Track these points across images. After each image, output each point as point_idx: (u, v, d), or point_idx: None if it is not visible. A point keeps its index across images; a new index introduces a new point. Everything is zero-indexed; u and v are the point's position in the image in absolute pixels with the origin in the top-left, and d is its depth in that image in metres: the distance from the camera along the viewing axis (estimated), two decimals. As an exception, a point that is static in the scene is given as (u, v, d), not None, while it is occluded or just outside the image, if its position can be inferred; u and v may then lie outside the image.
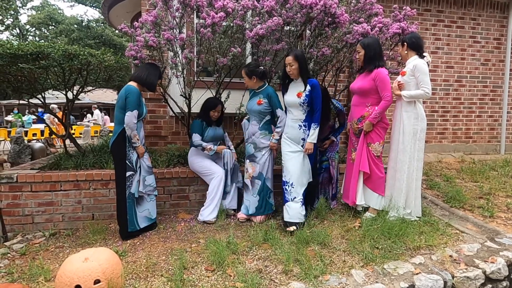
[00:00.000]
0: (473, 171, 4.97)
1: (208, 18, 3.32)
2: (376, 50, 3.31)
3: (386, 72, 3.30)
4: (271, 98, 3.41)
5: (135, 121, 3.05)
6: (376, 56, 3.31)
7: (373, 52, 3.31)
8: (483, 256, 2.76)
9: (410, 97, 3.29)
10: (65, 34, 25.20)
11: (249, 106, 3.54)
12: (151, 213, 3.30)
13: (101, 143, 5.25)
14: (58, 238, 3.32)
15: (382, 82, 3.24)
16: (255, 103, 3.45)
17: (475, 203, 3.88)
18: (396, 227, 3.03)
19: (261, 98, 3.43)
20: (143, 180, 3.19)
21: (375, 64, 3.29)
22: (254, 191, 3.51)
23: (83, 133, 11.52)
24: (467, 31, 5.96)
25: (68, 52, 3.45)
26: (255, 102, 3.44)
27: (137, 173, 3.16)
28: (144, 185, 3.20)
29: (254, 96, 3.54)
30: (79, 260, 2.15)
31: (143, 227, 3.24)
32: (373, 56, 3.31)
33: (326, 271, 2.52)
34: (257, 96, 3.48)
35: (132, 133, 3.05)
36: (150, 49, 3.49)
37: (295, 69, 3.22)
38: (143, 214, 3.23)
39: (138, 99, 3.09)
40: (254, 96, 3.54)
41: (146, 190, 3.22)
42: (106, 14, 7.37)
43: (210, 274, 2.53)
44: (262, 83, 3.50)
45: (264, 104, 3.41)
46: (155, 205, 3.36)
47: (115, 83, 5.57)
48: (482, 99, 6.18)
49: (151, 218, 3.32)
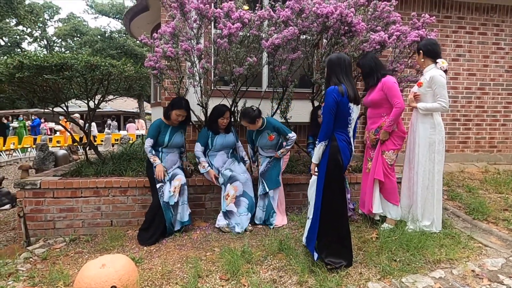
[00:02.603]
0: (497, 182, 4.79)
1: (225, 29, 3.38)
2: (371, 66, 3.34)
3: (392, 80, 3.26)
4: (279, 129, 3.63)
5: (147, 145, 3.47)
6: (373, 70, 3.34)
7: (368, 69, 3.36)
8: (508, 272, 2.64)
9: (426, 110, 3.22)
10: (89, 45, 26.13)
11: (262, 143, 3.73)
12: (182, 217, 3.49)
13: (120, 150, 5.39)
14: (77, 243, 3.41)
15: (390, 90, 3.20)
16: (267, 139, 3.66)
17: (499, 215, 3.73)
18: (415, 239, 2.95)
19: (269, 133, 3.64)
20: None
21: (376, 76, 3.31)
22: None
23: (104, 141, 11.85)
24: (490, 38, 5.80)
25: (90, 63, 3.57)
26: (267, 138, 3.66)
27: (166, 184, 3.43)
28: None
29: (261, 133, 3.69)
30: (96, 266, 2.20)
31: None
32: (369, 72, 3.36)
33: (341, 283, 2.47)
34: (263, 132, 3.67)
35: (148, 155, 3.49)
36: (168, 59, 3.58)
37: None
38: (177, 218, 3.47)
39: (155, 130, 3.49)
40: (261, 133, 3.69)
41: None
42: (127, 25, 7.62)
43: (224, 283, 2.53)
44: (262, 119, 3.63)
45: (275, 137, 3.66)
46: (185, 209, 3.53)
47: (135, 92, 5.72)
48: (507, 107, 5.96)
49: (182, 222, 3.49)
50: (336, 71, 2.67)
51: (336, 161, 2.63)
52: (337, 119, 2.62)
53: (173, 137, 3.54)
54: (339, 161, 2.63)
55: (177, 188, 3.39)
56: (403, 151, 3.46)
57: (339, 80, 2.64)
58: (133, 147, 5.59)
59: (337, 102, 2.57)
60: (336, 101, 2.57)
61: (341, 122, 2.65)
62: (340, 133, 2.67)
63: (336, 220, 2.67)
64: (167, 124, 3.55)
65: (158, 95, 7.07)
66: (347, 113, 2.64)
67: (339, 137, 2.65)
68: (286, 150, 3.66)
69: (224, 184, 3.55)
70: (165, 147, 3.55)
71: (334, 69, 2.69)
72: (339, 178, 2.70)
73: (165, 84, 4.46)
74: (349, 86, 2.64)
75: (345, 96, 2.59)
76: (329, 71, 2.72)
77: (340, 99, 2.58)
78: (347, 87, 2.62)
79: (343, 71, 2.67)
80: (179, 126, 3.62)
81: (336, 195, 2.66)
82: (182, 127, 3.67)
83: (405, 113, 5.32)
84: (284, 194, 3.85)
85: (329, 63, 2.73)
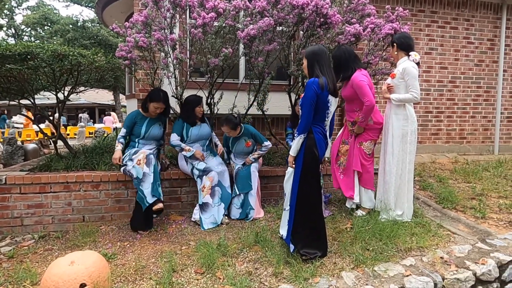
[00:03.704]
0: (466, 172, 4.98)
1: (199, 19, 3.30)
2: (341, 58, 3.32)
3: (360, 78, 3.21)
4: (255, 137, 3.79)
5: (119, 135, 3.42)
6: (343, 63, 3.31)
7: (338, 61, 3.33)
8: (474, 258, 2.75)
9: (399, 100, 3.29)
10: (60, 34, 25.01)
11: (238, 149, 3.80)
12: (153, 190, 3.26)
13: (93, 144, 5.22)
14: (47, 240, 3.28)
15: (359, 88, 3.20)
16: (243, 146, 3.76)
17: (467, 204, 3.88)
18: (388, 229, 3.02)
19: (246, 140, 3.76)
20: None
21: (351, 68, 3.28)
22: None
23: (78, 134, 11.46)
24: (460, 32, 5.98)
25: (57, 52, 3.41)
26: (244, 145, 3.76)
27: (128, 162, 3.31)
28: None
29: (238, 140, 3.77)
30: (65, 263, 2.12)
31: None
32: (338, 64, 3.32)
33: (316, 274, 2.50)
34: (241, 139, 3.76)
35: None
36: (141, 49, 3.47)
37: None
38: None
39: (130, 121, 3.43)
40: (238, 140, 3.77)
41: None
42: (100, 14, 7.33)
43: (199, 277, 2.51)
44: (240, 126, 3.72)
45: (251, 143, 3.79)
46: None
47: (109, 84, 5.53)
48: (475, 99, 6.20)
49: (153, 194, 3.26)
50: (320, 62, 2.62)
51: (312, 153, 2.62)
52: (315, 111, 2.60)
53: (150, 129, 3.45)
54: (315, 154, 2.63)
55: (141, 160, 3.22)
56: (380, 143, 3.53)
57: (322, 72, 2.60)
58: (107, 140, 5.43)
59: (317, 95, 2.54)
60: (317, 94, 2.54)
61: (319, 115, 2.63)
62: (317, 126, 2.66)
63: (312, 213, 2.69)
64: (145, 115, 3.46)
65: (133, 87, 6.87)
66: (326, 106, 2.62)
67: (315, 130, 2.64)
68: (258, 155, 3.75)
69: (199, 177, 3.50)
70: (142, 139, 3.46)
71: (317, 60, 2.63)
72: (315, 171, 2.70)
73: (139, 75, 4.34)
74: (329, 78, 2.61)
75: (325, 89, 2.55)
76: (311, 63, 2.66)
77: (320, 92, 2.54)
78: (328, 79, 2.58)
79: (326, 63, 2.64)
80: (157, 118, 3.53)
81: (312, 188, 2.67)
82: (161, 119, 3.59)
83: (380, 105, 5.43)
84: (261, 187, 3.85)
85: (312, 54, 2.66)
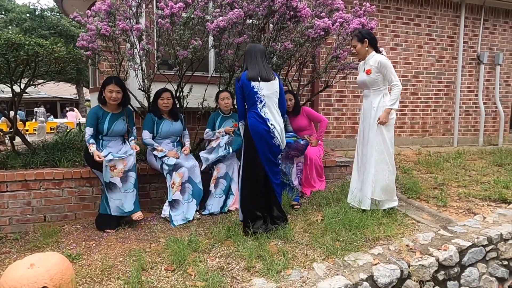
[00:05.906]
0: (429, 163, 5.21)
1: (166, 9, 3.19)
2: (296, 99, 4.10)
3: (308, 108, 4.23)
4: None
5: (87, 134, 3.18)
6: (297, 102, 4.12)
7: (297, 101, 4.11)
8: (436, 244, 2.89)
9: (396, 102, 3.25)
10: (16, 23, 23.39)
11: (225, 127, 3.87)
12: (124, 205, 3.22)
13: (54, 139, 4.94)
14: (4, 242, 3.07)
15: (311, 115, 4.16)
16: (231, 126, 3.80)
17: (430, 193, 4.06)
18: (357, 219, 3.10)
19: (234, 121, 3.83)
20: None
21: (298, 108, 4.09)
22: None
23: (38, 130, 10.84)
24: (423, 29, 6.21)
25: (11, 41, 3.16)
26: (231, 125, 3.81)
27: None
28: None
29: (226, 119, 3.88)
30: (23, 266, 1.99)
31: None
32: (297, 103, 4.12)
33: (288, 266, 2.52)
34: (229, 119, 3.89)
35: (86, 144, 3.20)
36: (105, 39, 3.30)
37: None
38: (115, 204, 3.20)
39: (92, 117, 3.25)
40: (226, 119, 3.88)
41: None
42: (59, 2, 6.92)
43: (170, 274, 2.45)
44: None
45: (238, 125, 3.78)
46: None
47: (71, 76, 5.24)
48: (437, 94, 6.49)
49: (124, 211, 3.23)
50: (246, 59, 3.03)
51: (247, 137, 3.01)
52: (246, 100, 3.00)
53: (114, 125, 3.28)
54: (250, 137, 2.97)
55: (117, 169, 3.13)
56: (352, 135, 3.58)
57: (246, 66, 3.00)
58: (69, 136, 5.16)
59: (240, 87, 2.96)
60: (239, 86, 2.97)
61: (251, 102, 2.98)
62: (251, 111, 2.99)
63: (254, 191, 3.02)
64: (106, 111, 3.30)
65: (97, 80, 6.57)
66: (253, 92, 2.93)
67: (250, 115, 2.99)
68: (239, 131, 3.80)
69: (169, 173, 3.41)
70: (105, 135, 3.29)
71: (245, 57, 3.06)
72: (252, 152, 2.99)
73: (103, 67, 4.14)
74: (253, 69, 2.93)
75: (244, 78, 2.92)
76: (244, 59, 3.09)
77: (241, 84, 2.95)
78: (250, 70, 2.93)
79: (253, 57, 2.97)
80: (120, 113, 3.37)
81: (250, 167, 3.01)
82: (124, 113, 3.43)
83: (357, 104, 5.54)
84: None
85: (245, 52, 3.10)
